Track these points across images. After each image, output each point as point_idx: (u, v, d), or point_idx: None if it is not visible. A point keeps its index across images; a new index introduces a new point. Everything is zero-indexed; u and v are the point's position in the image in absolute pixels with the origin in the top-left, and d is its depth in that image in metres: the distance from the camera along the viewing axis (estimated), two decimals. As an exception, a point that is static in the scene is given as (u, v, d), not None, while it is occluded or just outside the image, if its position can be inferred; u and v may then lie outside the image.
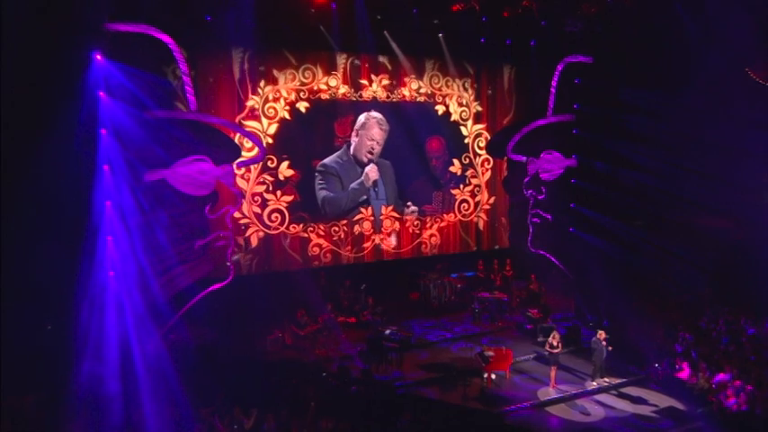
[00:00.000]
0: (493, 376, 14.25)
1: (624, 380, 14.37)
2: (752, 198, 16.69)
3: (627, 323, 15.67)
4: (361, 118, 18.53)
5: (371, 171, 18.77)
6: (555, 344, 13.88)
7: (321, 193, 18.26)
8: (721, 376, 13.16)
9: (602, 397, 13.83)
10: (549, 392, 13.71)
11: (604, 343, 14.16)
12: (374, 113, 18.65)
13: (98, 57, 12.52)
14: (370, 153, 18.69)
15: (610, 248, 18.44)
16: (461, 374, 14.26)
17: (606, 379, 14.30)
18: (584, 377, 14.51)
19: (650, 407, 13.28)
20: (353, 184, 18.67)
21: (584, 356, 15.05)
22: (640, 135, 17.87)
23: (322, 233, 18.50)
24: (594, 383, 14.21)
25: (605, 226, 18.85)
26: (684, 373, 13.88)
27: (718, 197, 16.42)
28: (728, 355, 14.10)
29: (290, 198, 17.84)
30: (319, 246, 18.49)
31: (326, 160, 18.26)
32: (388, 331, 15.31)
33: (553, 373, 13.88)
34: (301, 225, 18.16)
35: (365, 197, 18.95)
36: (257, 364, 14.00)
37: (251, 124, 17.19)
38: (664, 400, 13.47)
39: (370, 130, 18.65)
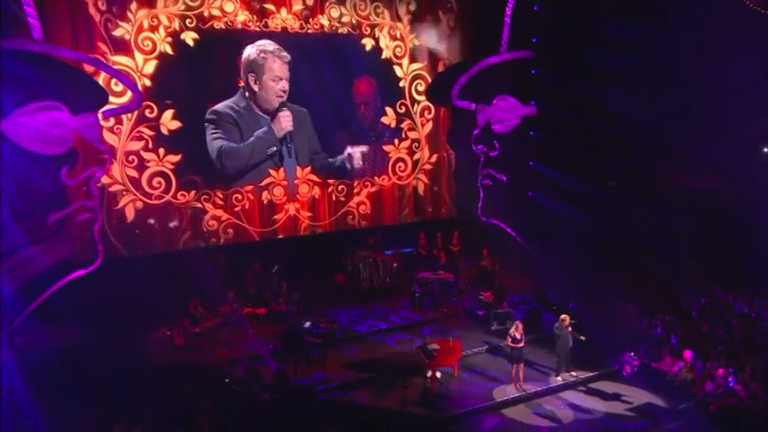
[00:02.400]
0: (438, 374, 14.20)
1: (594, 373, 14.59)
2: (745, 151, 17.27)
3: (597, 305, 15.93)
4: (250, 54, 18.01)
5: (284, 117, 18.45)
6: (518, 336, 13.90)
7: (216, 144, 17.88)
8: (707, 365, 13.58)
9: (568, 395, 13.99)
10: (507, 392, 13.83)
11: (570, 329, 14.39)
12: (266, 44, 18.17)
13: None
14: (282, 95, 18.37)
15: (576, 215, 18.72)
16: (399, 373, 14.10)
17: (573, 373, 14.49)
18: (546, 371, 14.63)
19: (624, 404, 13.49)
20: (259, 132, 18.37)
21: (546, 346, 15.23)
22: (613, 76, 18.02)
23: (220, 202, 18.18)
24: (559, 379, 14.35)
25: (571, 188, 19.10)
26: (664, 362, 14.29)
27: (705, 150, 16.78)
28: (716, 339, 14.55)
29: (176, 158, 17.40)
30: (217, 218, 18.20)
31: (218, 106, 17.85)
32: (307, 323, 15.26)
33: (521, 373, 13.88)
34: (193, 192, 17.79)
35: (275, 149, 18.62)
36: (138, 370, 13.72)
37: (120, 60, 16.52)
38: (640, 396, 13.72)
39: (271, 68, 18.24)
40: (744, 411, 12.23)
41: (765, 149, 17.37)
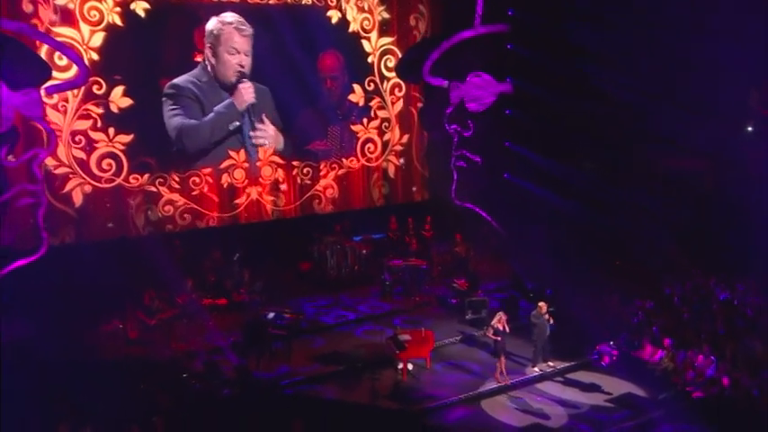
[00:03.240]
0: (410, 366, 14.25)
1: (572, 363, 14.76)
2: (731, 131, 17.51)
3: (575, 292, 16.07)
4: (210, 27, 17.85)
5: (246, 90, 18.29)
6: (501, 328, 13.95)
7: (175, 121, 17.69)
8: (688, 353, 13.77)
9: (545, 386, 14.14)
10: (481, 384, 13.91)
11: (547, 317, 14.52)
12: (226, 16, 17.99)
13: None
14: (241, 69, 18.19)
15: (554, 198, 18.85)
16: (368, 366, 14.24)
17: (550, 363, 14.65)
18: (523, 362, 14.75)
19: (604, 395, 13.68)
20: (219, 107, 18.21)
21: (522, 335, 15.30)
22: (593, 52, 18.16)
23: (177, 186, 18.05)
24: (536, 369, 14.50)
25: (548, 170, 19.22)
26: (645, 351, 14.49)
27: (689, 131, 17.01)
28: (697, 327, 14.79)
29: (127, 138, 17.20)
30: (173, 203, 18.08)
31: (178, 80, 17.66)
32: (271, 314, 15.25)
33: (503, 366, 13.99)
34: (147, 175, 17.62)
35: (237, 124, 18.46)
36: (89, 365, 13.55)
37: (64, 32, 16.18)
38: (620, 386, 13.92)
39: (229, 41, 18.06)
40: (726, 400, 12.46)
41: (749, 128, 17.58)
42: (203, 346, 14.88)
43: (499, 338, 13.90)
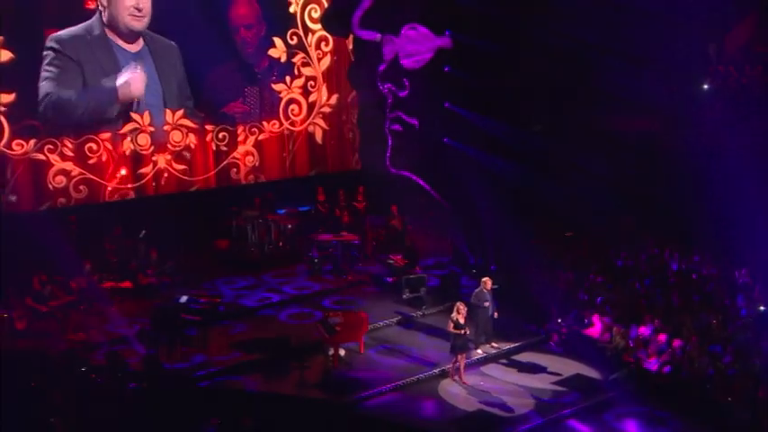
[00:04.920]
0: (341, 352, 14.28)
1: (517, 344, 14.98)
2: (685, 88, 17.86)
3: (522, 267, 16.30)
4: None
5: (135, 80, 17.98)
6: (462, 321, 13.93)
7: (46, 87, 17.36)
8: (641, 330, 14.13)
9: (489, 368, 14.33)
10: (422, 371, 13.94)
11: (491, 294, 14.66)
12: None
13: None
14: (137, 14, 17.80)
15: (498, 164, 18.99)
16: (295, 353, 14.21)
17: (494, 344, 14.84)
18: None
19: (551, 376, 13.93)
20: (106, 82, 17.90)
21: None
22: (538, 2, 18.32)
23: (70, 153, 17.82)
24: (479, 351, 14.66)
25: (492, 133, 19.34)
26: (594, 328, 14.80)
27: (641, 87, 17.28)
28: (650, 301, 15.16)
29: (9, 97, 16.96)
30: (66, 173, 17.85)
31: (63, 33, 17.30)
32: (183, 298, 15.24)
33: (462, 364, 13.97)
34: (32, 141, 17.38)
35: (116, 113, 18.21)
36: None
37: None
38: (569, 367, 14.21)
39: None
40: (681, 378, 12.82)
41: (705, 85, 17.99)
42: (104, 335, 14.80)
43: (462, 332, 13.74)
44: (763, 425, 11.61)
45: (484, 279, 14.75)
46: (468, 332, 13.85)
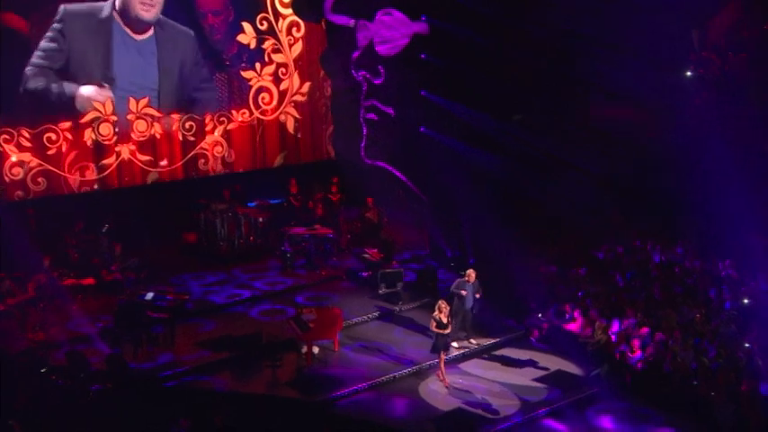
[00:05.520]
0: (315, 350, 14.31)
1: (497, 339, 15.09)
2: (670, 76, 17.96)
3: (502, 260, 16.32)
4: None
5: (95, 97, 18.23)
6: (445, 321, 13.92)
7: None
8: (623, 324, 14.27)
9: (468, 365, 14.41)
10: (399, 368, 13.98)
11: (472, 288, 14.71)
12: None
13: None
14: (148, 3, 18.07)
15: (477, 155, 19.03)
16: (267, 351, 14.24)
17: (473, 340, 14.93)
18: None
19: (532, 372, 14.07)
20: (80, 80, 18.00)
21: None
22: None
23: (27, 144, 17.72)
24: (455, 344, 14.66)
25: (470, 123, 19.36)
26: (576, 323, 14.92)
27: (623, 76, 17.36)
28: (632, 294, 15.31)
29: None
30: (24, 165, 17.74)
31: (74, 6, 17.52)
32: (149, 295, 15.16)
33: (442, 364, 14.00)
34: None
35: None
36: None
37: None
38: (550, 363, 14.35)
39: None
40: (663, 372, 12.95)
41: (688, 73, 18.12)
42: (65, 334, 14.75)
43: (445, 332, 13.73)
44: (747, 419, 11.78)
45: (468, 271, 14.78)
46: (450, 331, 13.85)
